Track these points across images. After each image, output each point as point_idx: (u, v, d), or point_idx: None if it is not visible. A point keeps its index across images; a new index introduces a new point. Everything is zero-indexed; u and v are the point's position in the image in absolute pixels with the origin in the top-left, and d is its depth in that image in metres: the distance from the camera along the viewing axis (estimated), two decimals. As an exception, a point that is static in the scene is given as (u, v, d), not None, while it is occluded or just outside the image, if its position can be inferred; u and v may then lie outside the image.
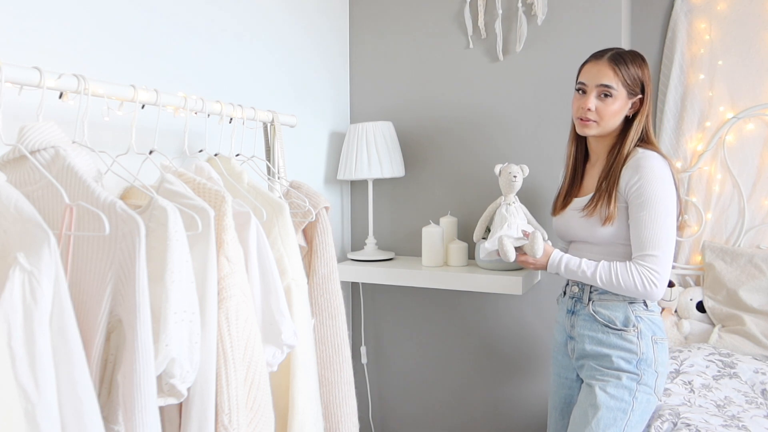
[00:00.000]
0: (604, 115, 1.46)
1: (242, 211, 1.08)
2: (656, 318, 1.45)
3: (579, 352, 1.51)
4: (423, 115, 2.31)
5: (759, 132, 2.14)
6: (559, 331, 1.61)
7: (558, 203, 1.62)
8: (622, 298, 1.44)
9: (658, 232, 1.37)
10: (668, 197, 1.39)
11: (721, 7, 2.17)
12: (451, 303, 2.31)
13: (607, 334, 1.44)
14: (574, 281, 1.55)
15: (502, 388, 2.24)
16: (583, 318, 1.50)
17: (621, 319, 1.43)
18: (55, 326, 0.70)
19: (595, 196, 1.47)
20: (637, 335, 1.41)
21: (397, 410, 2.45)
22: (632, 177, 1.40)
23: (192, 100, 1.20)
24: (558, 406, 1.63)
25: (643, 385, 1.40)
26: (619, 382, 1.39)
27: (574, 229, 1.53)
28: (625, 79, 1.44)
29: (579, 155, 1.61)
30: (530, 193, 2.09)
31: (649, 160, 1.41)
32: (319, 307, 1.41)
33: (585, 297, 1.50)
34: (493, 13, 2.15)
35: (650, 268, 1.37)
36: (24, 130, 0.85)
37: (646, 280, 1.37)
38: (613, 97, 1.44)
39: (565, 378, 1.60)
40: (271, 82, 1.93)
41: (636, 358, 1.40)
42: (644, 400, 1.40)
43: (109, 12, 1.31)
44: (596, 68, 1.46)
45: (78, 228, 0.81)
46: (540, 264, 1.52)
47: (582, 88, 1.49)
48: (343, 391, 1.44)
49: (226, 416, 0.94)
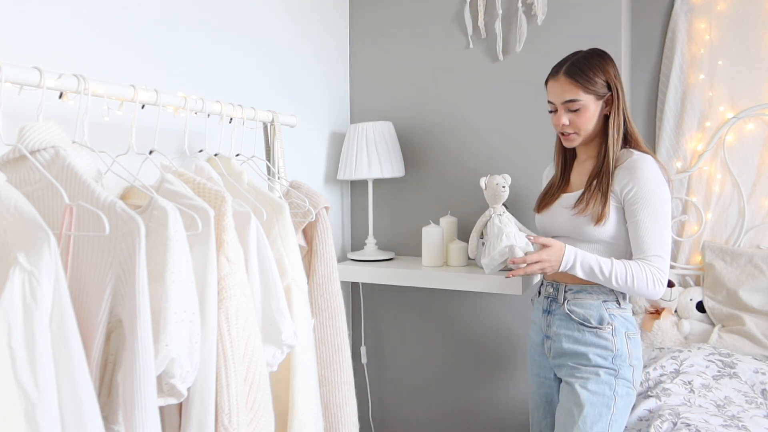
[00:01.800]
0: (580, 126, 1.49)
1: (242, 211, 1.08)
2: (628, 314, 1.49)
3: (556, 351, 1.53)
4: (423, 115, 2.31)
5: (759, 132, 2.14)
6: (536, 331, 1.63)
7: (544, 199, 1.63)
8: (596, 296, 1.47)
9: (659, 233, 1.41)
10: (665, 199, 1.43)
11: (721, 7, 2.17)
12: (451, 303, 2.31)
13: (582, 332, 1.47)
14: (549, 281, 1.58)
15: (501, 387, 2.24)
16: (559, 317, 1.52)
17: (596, 317, 1.47)
18: (55, 326, 0.69)
19: (585, 194, 1.48)
20: (611, 332, 1.45)
21: (397, 410, 2.45)
22: (628, 180, 1.43)
23: (192, 100, 1.20)
24: (540, 406, 1.65)
25: (621, 379, 1.43)
26: (598, 378, 1.42)
27: (560, 225, 1.55)
28: (587, 87, 1.46)
29: (567, 154, 1.64)
30: (529, 193, 2.09)
31: (644, 162, 1.43)
32: (319, 307, 1.41)
33: (560, 296, 1.53)
34: (493, 13, 2.15)
35: (658, 268, 1.40)
36: (24, 130, 0.85)
37: (656, 279, 1.40)
38: (582, 108, 1.47)
39: (543, 377, 1.62)
40: (271, 83, 1.93)
41: (611, 354, 1.44)
42: (624, 393, 1.43)
43: (109, 13, 1.31)
44: (557, 86, 1.50)
45: (78, 228, 0.81)
46: (554, 262, 1.44)
47: (552, 108, 1.54)
48: (343, 391, 1.44)
49: (226, 416, 0.94)
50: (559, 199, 1.57)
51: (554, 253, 1.44)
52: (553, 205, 1.58)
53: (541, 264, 1.43)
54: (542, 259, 1.43)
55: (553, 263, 1.43)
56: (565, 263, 1.43)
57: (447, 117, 2.26)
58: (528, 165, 2.11)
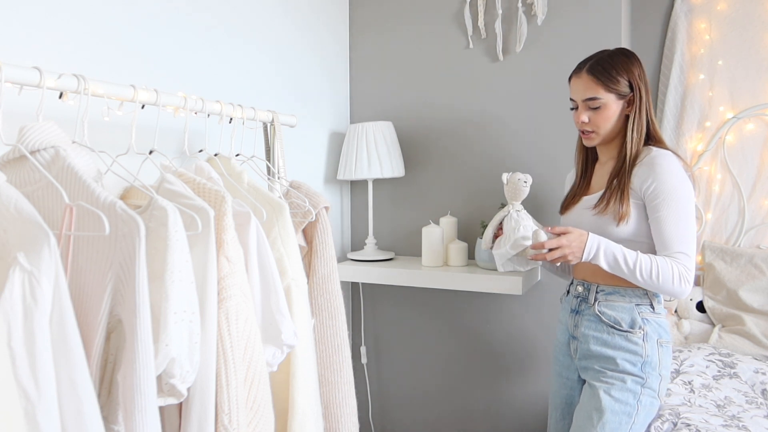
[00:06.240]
0: (599, 125, 1.47)
1: (242, 211, 1.08)
2: (662, 320, 1.43)
3: (582, 352, 1.50)
4: (423, 115, 2.31)
5: (759, 132, 2.14)
6: (562, 331, 1.61)
7: (567, 201, 1.62)
8: (629, 299, 1.43)
9: (683, 229, 1.36)
10: (687, 195, 1.38)
11: (721, 7, 2.17)
12: (451, 303, 2.31)
13: (612, 335, 1.43)
14: (580, 280, 1.54)
15: (501, 388, 2.24)
16: (588, 318, 1.49)
17: (627, 320, 1.42)
18: (55, 326, 0.69)
19: (606, 193, 1.46)
20: (642, 337, 1.40)
21: (397, 410, 2.45)
22: (648, 176, 1.39)
23: (192, 100, 1.20)
24: (559, 407, 1.62)
25: (647, 389, 1.39)
26: (623, 386, 1.38)
27: (584, 227, 1.50)
28: (608, 85, 1.44)
29: (589, 156, 1.62)
30: (530, 193, 2.09)
31: (663, 158, 1.40)
32: (319, 307, 1.41)
33: (591, 297, 1.49)
34: (493, 13, 2.15)
35: (684, 265, 1.35)
36: (24, 130, 0.85)
37: (682, 277, 1.35)
38: (602, 107, 1.46)
39: (566, 378, 1.59)
40: (271, 83, 1.93)
41: (641, 361, 1.39)
42: (648, 404, 1.39)
43: (109, 13, 1.31)
44: (579, 82, 1.49)
45: (78, 228, 0.81)
46: (575, 248, 1.37)
47: (574, 105, 1.53)
48: (343, 391, 1.44)
49: (226, 416, 0.94)
50: (581, 201, 1.55)
51: (575, 238, 1.38)
52: (576, 206, 1.56)
53: (561, 250, 1.37)
54: (562, 245, 1.37)
55: (575, 249, 1.37)
56: (588, 251, 1.37)
57: (447, 117, 2.26)
58: (528, 165, 2.11)
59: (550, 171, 2.07)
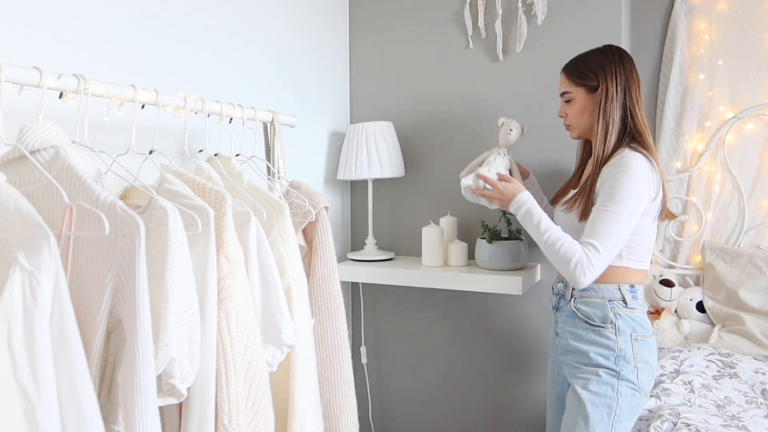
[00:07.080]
0: (570, 117, 1.56)
1: (242, 211, 1.08)
2: (637, 315, 1.45)
3: (562, 348, 1.54)
4: (423, 115, 2.31)
5: (759, 132, 2.14)
6: (551, 328, 1.65)
7: (557, 194, 1.68)
8: (602, 296, 1.45)
9: (607, 225, 1.36)
10: (633, 197, 1.37)
11: (721, 7, 2.17)
12: (451, 303, 2.31)
13: (586, 330, 1.47)
14: (559, 278, 1.58)
15: (502, 387, 2.24)
16: (566, 314, 1.53)
17: (599, 315, 1.45)
18: (55, 326, 0.69)
19: (579, 191, 1.50)
20: (614, 332, 1.43)
21: (397, 410, 2.45)
22: (607, 176, 1.41)
23: (192, 100, 1.20)
24: (554, 402, 1.65)
25: (624, 380, 1.41)
26: (599, 379, 1.41)
27: (559, 222, 1.56)
28: (575, 80, 1.52)
29: (584, 153, 1.66)
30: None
31: (629, 159, 1.40)
32: (319, 307, 1.41)
33: (567, 294, 1.53)
34: (493, 13, 2.15)
35: (589, 257, 1.36)
36: (24, 130, 0.85)
37: (581, 265, 1.36)
38: (572, 101, 1.54)
39: (557, 374, 1.62)
40: (271, 83, 1.93)
41: (614, 355, 1.42)
42: (629, 395, 1.41)
43: (109, 13, 1.31)
44: (560, 80, 1.59)
45: (78, 228, 0.81)
46: (504, 198, 1.55)
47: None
48: (343, 391, 1.44)
49: (226, 416, 0.94)
50: (568, 194, 1.58)
51: (510, 190, 1.54)
52: (563, 199, 1.60)
53: (492, 192, 1.59)
54: (498, 190, 1.57)
55: (504, 199, 1.55)
56: (515, 204, 1.51)
57: (447, 117, 2.26)
58: (528, 165, 2.10)
59: (551, 171, 2.07)
